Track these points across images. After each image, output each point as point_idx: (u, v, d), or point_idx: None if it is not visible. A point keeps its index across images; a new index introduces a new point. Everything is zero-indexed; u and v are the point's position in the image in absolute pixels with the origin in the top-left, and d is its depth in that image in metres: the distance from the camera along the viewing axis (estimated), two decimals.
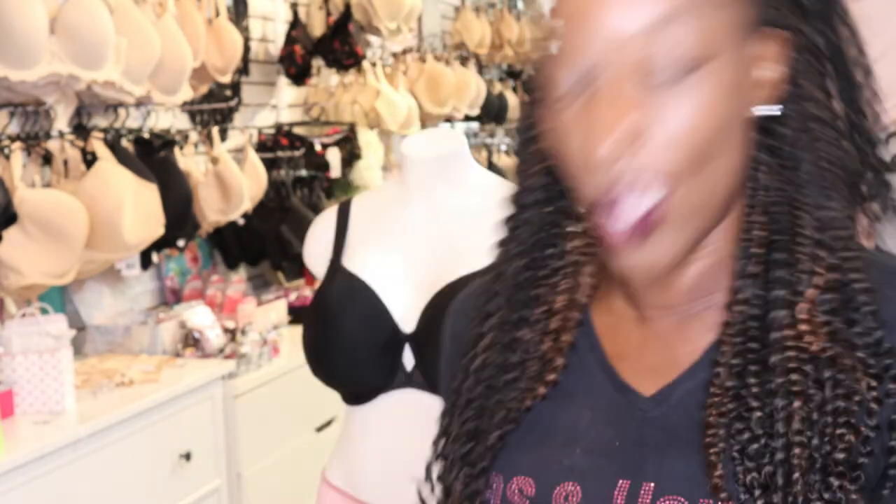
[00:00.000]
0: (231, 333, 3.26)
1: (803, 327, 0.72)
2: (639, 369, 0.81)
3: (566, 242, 0.85)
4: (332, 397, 1.78)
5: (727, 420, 0.72)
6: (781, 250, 0.75)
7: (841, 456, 0.70)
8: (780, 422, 0.70)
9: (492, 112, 5.72)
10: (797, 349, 0.72)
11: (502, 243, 0.88)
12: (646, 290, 0.80)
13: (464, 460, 0.83)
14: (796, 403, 0.71)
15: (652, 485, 0.75)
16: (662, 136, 0.70)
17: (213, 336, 3.18)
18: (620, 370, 0.81)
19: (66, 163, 2.92)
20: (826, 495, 0.69)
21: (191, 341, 3.17)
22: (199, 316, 3.22)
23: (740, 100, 0.73)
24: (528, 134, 0.86)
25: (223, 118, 3.87)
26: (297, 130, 4.28)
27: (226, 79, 3.61)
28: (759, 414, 0.71)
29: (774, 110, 0.75)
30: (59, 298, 3.07)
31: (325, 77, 4.63)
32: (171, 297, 3.60)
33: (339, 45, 4.28)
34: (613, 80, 0.70)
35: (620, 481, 0.76)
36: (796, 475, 0.69)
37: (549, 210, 0.85)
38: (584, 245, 0.84)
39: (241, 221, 3.69)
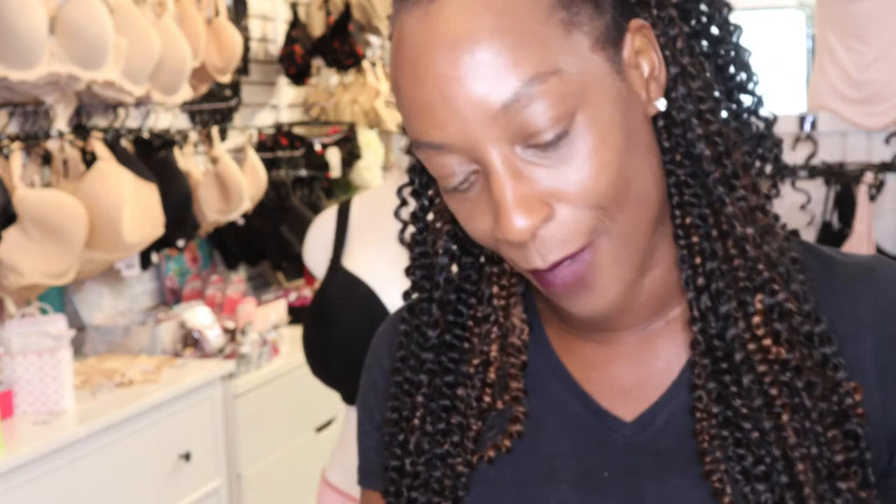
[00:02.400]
0: (231, 333, 3.26)
1: (766, 341, 0.72)
2: (611, 392, 0.79)
3: (489, 287, 0.82)
4: (332, 397, 1.78)
5: (722, 444, 0.72)
6: (716, 258, 0.73)
7: (840, 458, 0.70)
8: (773, 440, 0.70)
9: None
10: (766, 363, 0.71)
11: (418, 290, 0.85)
12: (602, 321, 0.78)
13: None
14: (784, 417, 0.70)
15: None
16: (571, 192, 0.67)
17: (213, 336, 3.18)
18: (592, 394, 0.79)
19: (65, 163, 2.92)
20: (838, 501, 0.69)
21: (190, 341, 3.17)
22: (198, 316, 3.22)
23: (633, 108, 0.70)
24: (426, 198, 0.84)
25: (223, 118, 3.87)
26: (297, 130, 4.28)
27: (226, 79, 3.60)
28: (755, 435, 0.71)
29: (662, 103, 0.73)
30: (58, 298, 3.07)
31: (325, 77, 4.63)
32: (170, 297, 3.60)
33: (339, 45, 4.27)
34: (499, 155, 0.66)
35: None
36: (807, 490, 0.69)
37: (466, 260, 0.83)
38: (509, 285, 0.82)
39: (241, 221, 3.69)
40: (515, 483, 0.78)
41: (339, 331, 1.65)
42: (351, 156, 4.34)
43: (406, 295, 0.87)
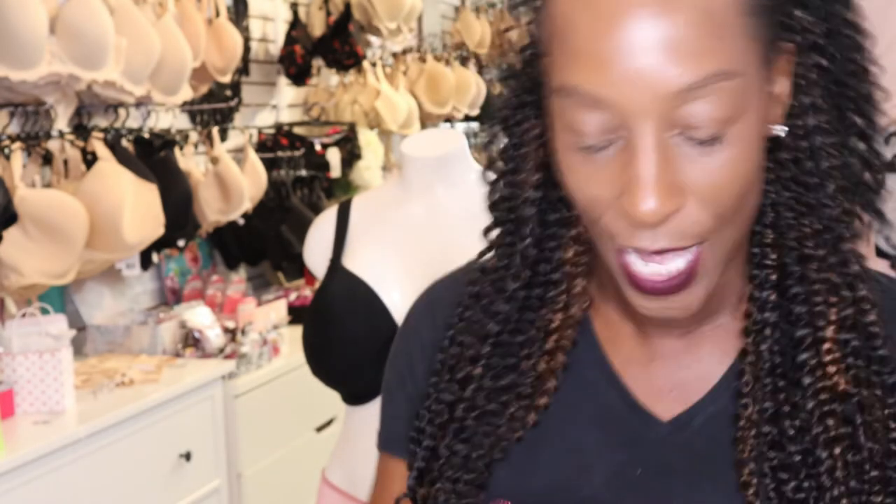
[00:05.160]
0: (231, 333, 3.26)
1: (831, 369, 0.71)
2: (649, 389, 0.78)
3: (561, 252, 0.81)
4: (332, 397, 1.78)
5: (763, 460, 0.71)
6: (795, 279, 0.73)
7: (878, 499, 0.70)
8: (825, 471, 0.70)
9: (492, 112, 5.72)
10: (829, 390, 0.71)
11: (496, 248, 0.84)
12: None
13: (455, 486, 0.79)
14: (837, 450, 0.70)
15: None
16: (705, 192, 0.66)
17: (213, 336, 3.18)
18: (631, 388, 0.78)
19: (66, 163, 2.92)
20: None
21: (191, 341, 3.17)
22: (199, 316, 3.22)
23: (765, 126, 0.70)
24: (518, 136, 0.81)
25: (223, 118, 3.87)
26: (297, 130, 4.28)
27: (226, 79, 3.60)
28: (798, 458, 0.71)
29: (783, 129, 0.73)
30: (59, 298, 3.07)
31: (325, 77, 4.63)
32: (171, 297, 3.60)
33: (339, 45, 4.27)
34: (654, 133, 0.65)
35: None
36: None
37: (548, 219, 0.81)
38: (575, 255, 0.80)
39: (241, 221, 3.69)
40: (547, 469, 0.78)
41: (339, 331, 1.65)
42: (351, 156, 4.34)
43: (487, 230, 0.84)
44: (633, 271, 0.70)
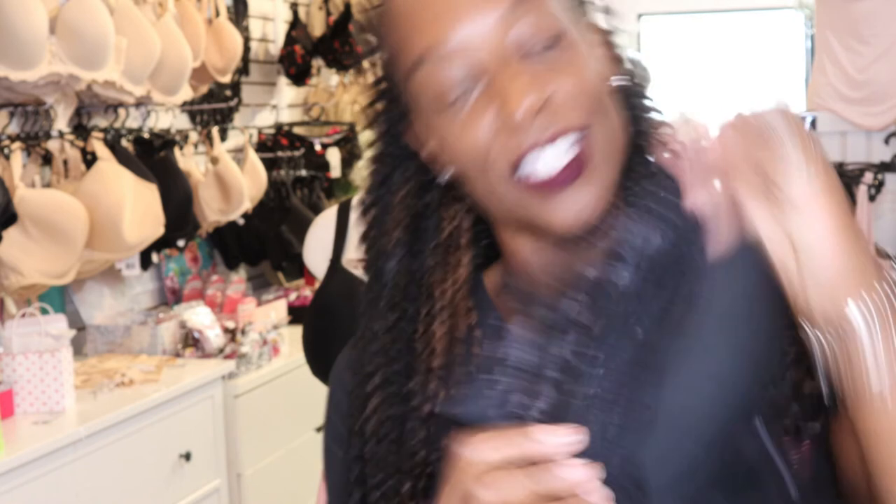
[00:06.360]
0: (231, 333, 3.26)
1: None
2: None
3: (434, 288, 0.83)
4: None
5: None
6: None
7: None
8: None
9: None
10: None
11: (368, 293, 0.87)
12: (570, 248, 0.78)
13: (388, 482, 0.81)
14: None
15: None
16: (563, 82, 0.74)
17: (213, 336, 3.18)
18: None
19: (66, 163, 2.93)
20: None
21: (191, 341, 3.17)
22: (199, 316, 3.22)
23: (599, 69, 0.78)
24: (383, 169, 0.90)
25: (223, 118, 3.87)
26: (297, 130, 4.28)
27: (226, 79, 3.61)
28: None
29: (623, 80, 0.81)
30: (59, 298, 3.07)
31: (325, 77, 4.63)
32: (171, 297, 3.60)
33: (340, 45, 4.28)
34: (503, 54, 0.74)
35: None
36: None
37: (414, 249, 0.85)
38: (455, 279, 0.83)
39: (241, 221, 3.69)
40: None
41: (339, 330, 1.65)
42: (351, 156, 4.34)
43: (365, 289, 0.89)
44: (532, 181, 0.75)
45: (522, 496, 0.62)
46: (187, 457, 2.84)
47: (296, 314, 3.69)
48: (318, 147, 4.20)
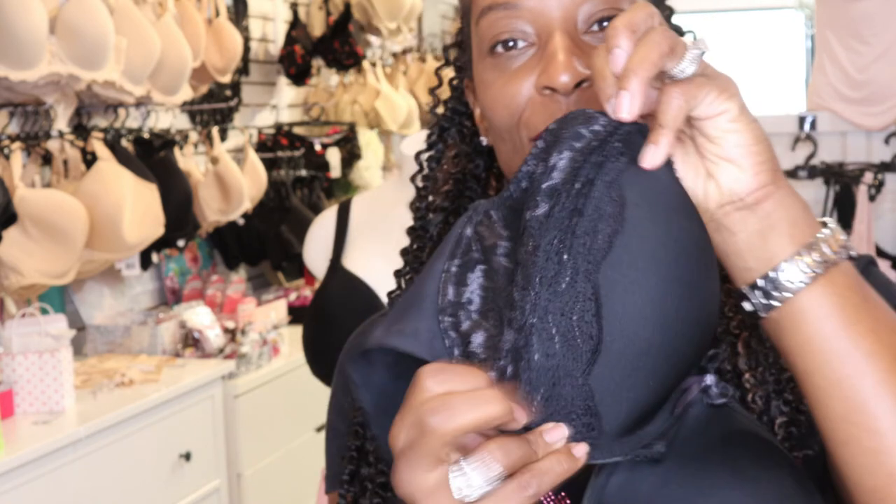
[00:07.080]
0: (231, 333, 3.26)
1: None
2: None
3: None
4: None
5: None
6: None
7: None
8: None
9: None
10: None
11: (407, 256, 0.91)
12: None
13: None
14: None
15: None
16: None
17: (213, 336, 3.18)
18: None
19: (65, 163, 2.93)
20: None
21: (191, 341, 3.17)
22: (199, 316, 3.22)
23: None
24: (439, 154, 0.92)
25: (223, 118, 3.87)
26: (297, 130, 4.28)
27: (226, 79, 3.61)
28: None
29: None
30: (59, 298, 3.07)
31: (325, 77, 4.63)
32: (171, 297, 3.60)
33: (339, 45, 4.28)
34: (565, 29, 0.76)
35: None
36: None
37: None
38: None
39: (241, 221, 3.69)
40: None
41: (339, 330, 1.65)
42: (351, 156, 4.35)
43: (397, 273, 0.93)
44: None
45: (472, 421, 0.59)
46: (187, 457, 2.84)
47: (296, 314, 3.69)
48: (317, 147, 4.20)
